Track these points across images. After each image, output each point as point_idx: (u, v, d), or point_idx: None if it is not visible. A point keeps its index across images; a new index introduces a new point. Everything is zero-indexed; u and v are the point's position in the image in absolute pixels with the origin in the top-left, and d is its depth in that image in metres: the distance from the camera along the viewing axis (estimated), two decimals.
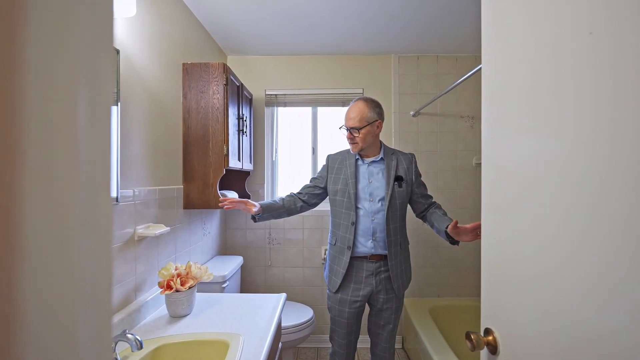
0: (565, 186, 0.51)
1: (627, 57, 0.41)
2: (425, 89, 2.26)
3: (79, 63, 0.21)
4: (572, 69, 0.49)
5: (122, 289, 1.10)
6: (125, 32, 1.10)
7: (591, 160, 0.46)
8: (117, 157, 1.02)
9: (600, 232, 0.44)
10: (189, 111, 1.55)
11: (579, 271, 0.48)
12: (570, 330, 0.50)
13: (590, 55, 0.46)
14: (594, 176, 0.45)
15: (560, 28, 0.52)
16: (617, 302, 0.42)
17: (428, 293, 2.28)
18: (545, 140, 0.55)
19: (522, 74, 0.62)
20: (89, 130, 0.21)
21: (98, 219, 0.23)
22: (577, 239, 0.48)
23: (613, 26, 0.43)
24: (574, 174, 0.49)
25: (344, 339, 1.42)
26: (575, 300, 0.49)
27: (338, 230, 1.39)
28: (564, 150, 0.51)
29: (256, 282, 2.29)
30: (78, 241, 0.21)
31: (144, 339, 1.00)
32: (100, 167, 0.23)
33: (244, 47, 2.14)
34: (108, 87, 0.23)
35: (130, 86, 1.14)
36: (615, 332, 0.42)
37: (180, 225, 1.53)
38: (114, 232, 1.05)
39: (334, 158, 1.47)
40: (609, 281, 0.43)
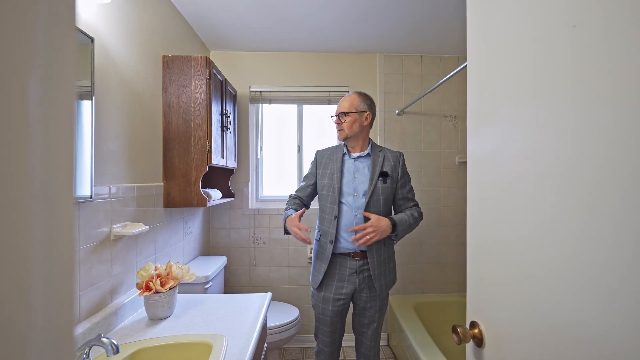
0: (548, 181, 0.51)
1: (610, 49, 0.42)
2: (409, 88, 2.29)
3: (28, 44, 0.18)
4: (556, 63, 0.50)
5: (97, 291, 1.04)
6: (100, 19, 1.04)
7: (574, 154, 0.47)
8: (91, 153, 0.97)
9: (582, 225, 0.45)
10: (170, 106, 1.49)
11: (561, 264, 0.49)
12: (553, 321, 0.51)
13: (574, 47, 0.47)
14: (576, 170, 0.46)
15: (544, 20, 0.53)
16: (598, 293, 0.43)
17: (412, 290, 2.31)
18: (529, 134, 0.56)
19: (506, 69, 0.62)
20: (44, 123, 0.19)
21: (57, 219, 0.20)
22: (559, 233, 0.49)
23: (595, 18, 0.44)
24: (557, 168, 0.49)
25: (328, 337, 1.40)
26: (558, 292, 0.50)
27: (323, 225, 1.39)
28: (547, 145, 0.52)
29: (241, 283, 2.24)
30: (32, 244, 0.18)
31: (121, 343, 0.95)
32: (61, 163, 0.20)
33: (227, 41, 2.09)
34: (70, 74, 0.21)
35: (106, 78, 1.08)
36: (594, 321, 0.43)
37: (160, 224, 1.47)
38: (88, 231, 0.99)
39: (322, 154, 1.47)
40: (590, 274, 0.44)
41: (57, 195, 0.20)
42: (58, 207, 0.20)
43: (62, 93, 0.20)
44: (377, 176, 1.34)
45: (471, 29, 0.73)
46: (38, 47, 0.18)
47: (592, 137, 0.44)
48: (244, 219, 2.23)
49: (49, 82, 0.19)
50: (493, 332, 0.68)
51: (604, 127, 0.42)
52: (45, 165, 0.19)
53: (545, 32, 0.52)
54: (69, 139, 0.20)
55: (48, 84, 0.19)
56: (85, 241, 0.98)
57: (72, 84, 0.21)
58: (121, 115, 1.17)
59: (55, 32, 0.19)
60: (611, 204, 0.41)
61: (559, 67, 0.50)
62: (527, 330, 0.57)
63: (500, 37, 0.64)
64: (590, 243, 0.44)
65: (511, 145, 0.61)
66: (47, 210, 0.19)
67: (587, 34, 0.45)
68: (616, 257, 0.40)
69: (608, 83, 0.42)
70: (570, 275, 0.47)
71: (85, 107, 0.95)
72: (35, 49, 0.18)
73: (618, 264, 0.40)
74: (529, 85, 0.56)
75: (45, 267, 0.19)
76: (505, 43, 0.62)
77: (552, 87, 0.51)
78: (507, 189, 0.62)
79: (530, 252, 0.56)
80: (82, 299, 0.97)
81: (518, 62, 0.59)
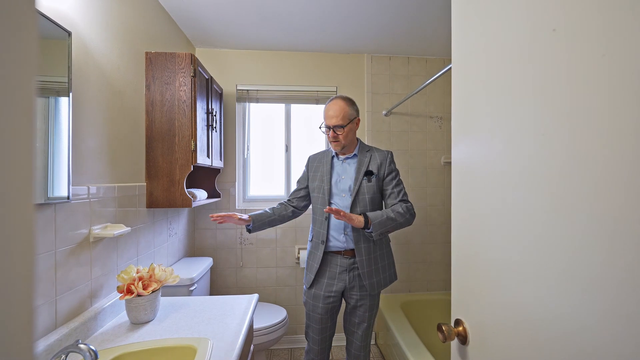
0: (526, 184, 0.53)
1: (588, 52, 0.43)
2: (396, 89, 2.31)
3: None
4: (536, 66, 0.51)
5: (75, 295, 1.00)
6: (78, 12, 1.00)
7: (553, 155, 0.48)
8: (68, 152, 0.93)
9: (562, 224, 0.46)
10: (153, 103, 1.45)
11: (542, 263, 0.50)
12: (532, 318, 0.52)
13: (554, 50, 0.48)
14: (556, 171, 0.47)
15: (525, 25, 0.54)
16: (573, 291, 0.44)
17: (399, 289, 2.33)
18: (509, 139, 0.57)
19: (489, 74, 0.64)
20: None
21: (13, 225, 0.18)
22: (540, 232, 0.50)
23: (574, 22, 0.45)
24: (538, 169, 0.51)
25: (318, 335, 1.41)
26: (536, 290, 0.51)
27: (315, 226, 1.42)
28: (526, 149, 0.53)
29: (227, 284, 2.20)
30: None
31: (101, 349, 0.92)
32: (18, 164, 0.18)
33: (214, 39, 2.05)
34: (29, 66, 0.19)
35: (85, 73, 1.04)
36: (569, 317, 0.44)
37: (143, 225, 1.43)
38: (65, 232, 0.95)
39: (314, 157, 1.52)
40: (565, 272, 0.45)
41: (14, 198, 0.18)
42: (15, 212, 0.18)
43: (19, 88, 0.18)
44: (362, 175, 1.35)
45: (455, 35, 0.74)
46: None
47: (569, 138, 0.45)
48: None
49: (4, 76, 0.17)
50: (476, 330, 0.70)
51: (581, 130, 0.43)
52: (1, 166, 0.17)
53: (526, 37, 0.53)
54: (27, 137, 0.19)
55: (3, 78, 0.17)
56: (62, 243, 0.94)
57: (31, 78, 0.19)
58: (101, 113, 1.13)
59: (12, 21, 0.18)
60: (584, 206, 0.42)
61: (538, 70, 0.51)
62: (508, 327, 0.58)
63: (483, 43, 0.65)
64: (565, 243, 0.45)
65: (493, 150, 0.62)
66: (3, 214, 0.17)
67: (566, 38, 0.46)
68: (589, 257, 0.42)
69: (586, 85, 0.43)
70: (547, 274, 0.49)
71: (63, 104, 0.91)
72: None
73: (591, 264, 0.41)
74: (511, 89, 0.57)
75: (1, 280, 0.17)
76: (488, 48, 0.63)
77: (533, 90, 0.52)
78: (489, 192, 0.63)
79: (510, 253, 0.57)
80: (59, 304, 0.93)
81: (500, 66, 0.60)
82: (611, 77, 0.40)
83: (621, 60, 0.39)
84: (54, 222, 0.91)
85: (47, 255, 0.88)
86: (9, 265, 0.18)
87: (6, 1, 0.18)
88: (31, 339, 0.19)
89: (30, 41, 0.19)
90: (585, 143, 0.43)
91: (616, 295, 0.38)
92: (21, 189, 0.19)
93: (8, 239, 0.18)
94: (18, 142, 0.18)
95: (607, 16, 0.40)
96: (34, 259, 0.18)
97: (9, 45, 0.18)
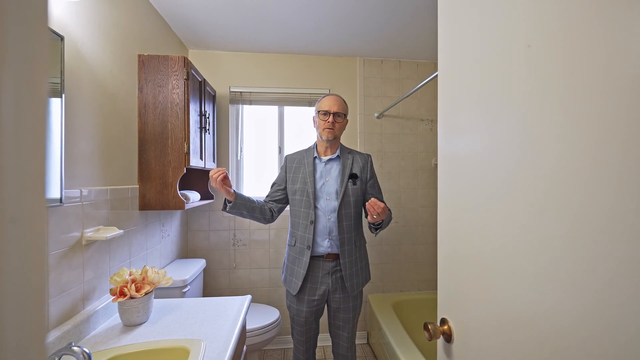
0: (510, 182, 0.56)
1: (559, 66, 0.46)
2: (388, 92, 2.35)
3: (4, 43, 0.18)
4: (512, 77, 0.55)
5: (67, 298, 1.00)
6: (71, 16, 1.00)
7: (530, 155, 0.51)
8: (60, 154, 0.93)
9: (540, 225, 0.49)
10: (146, 106, 1.45)
11: (521, 263, 0.53)
12: (512, 316, 0.55)
13: (528, 64, 0.51)
14: (534, 171, 0.50)
15: (504, 39, 0.57)
16: (551, 289, 0.47)
17: (391, 288, 2.37)
18: (491, 137, 0.60)
19: (472, 80, 0.67)
20: (18, 124, 0.19)
21: (29, 225, 0.20)
22: (519, 233, 0.53)
23: (546, 40, 0.48)
24: (518, 170, 0.54)
25: (302, 336, 1.42)
26: (516, 290, 0.54)
27: (297, 230, 1.37)
28: (504, 153, 0.56)
29: (220, 286, 2.21)
30: (4, 251, 0.18)
31: (94, 351, 0.93)
32: (33, 167, 0.20)
33: (207, 41, 2.06)
34: (41, 73, 0.21)
35: (77, 77, 1.04)
36: (549, 315, 0.47)
37: (135, 227, 1.43)
38: (58, 236, 0.95)
39: (292, 158, 1.47)
40: (552, 272, 0.47)
41: (29, 200, 0.20)
42: (30, 213, 0.20)
43: (34, 94, 0.20)
44: (347, 178, 1.37)
45: (441, 44, 0.77)
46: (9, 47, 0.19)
47: (541, 146, 0.48)
48: (223, 220, 2.21)
49: (21, 82, 0.19)
50: (460, 328, 0.73)
51: (551, 138, 0.47)
52: (19, 169, 0.19)
53: (505, 50, 0.57)
54: (41, 142, 0.21)
55: (21, 84, 0.19)
56: (54, 247, 0.94)
57: (44, 85, 0.21)
58: (93, 116, 1.14)
59: (27, 32, 0.20)
60: (563, 206, 0.45)
61: (515, 82, 0.54)
62: (489, 325, 0.61)
63: (468, 53, 0.68)
64: (543, 245, 0.48)
65: (475, 153, 0.65)
66: (19, 216, 0.19)
67: (539, 54, 0.50)
68: (569, 257, 0.44)
69: (557, 98, 0.46)
70: (526, 274, 0.52)
71: (55, 108, 0.91)
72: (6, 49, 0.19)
73: (572, 263, 0.44)
74: (491, 99, 0.60)
75: (18, 275, 0.19)
76: (472, 58, 0.66)
77: (510, 101, 0.55)
78: (474, 189, 0.66)
79: (491, 253, 0.60)
80: (52, 307, 0.93)
81: (482, 76, 0.63)
82: (580, 89, 0.43)
83: (585, 72, 0.42)
84: (47, 226, 0.91)
85: None
86: (27, 262, 0.20)
87: (24, 20, 0.19)
88: (44, 331, 0.21)
89: (43, 53, 0.21)
90: (561, 150, 0.46)
91: (597, 295, 0.40)
92: (36, 190, 0.20)
93: (26, 237, 0.20)
94: (35, 144, 0.20)
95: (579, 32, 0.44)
96: (46, 256, 0.20)
97: (29, 56, 0.20)
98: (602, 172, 0.40)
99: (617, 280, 0.38)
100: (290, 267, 1.40)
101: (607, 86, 0.39)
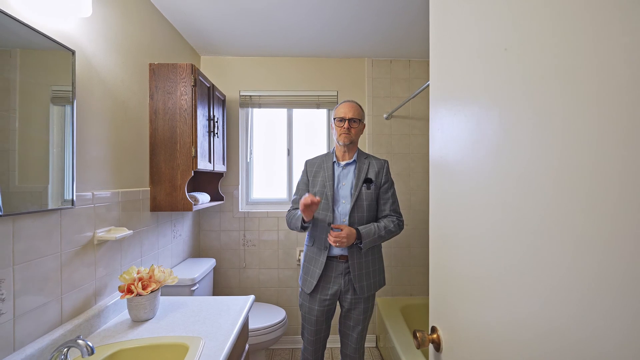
0: (489, 186, 0.54)
1: (535, 69, 0.45)
2: (397, 92, 2.32)
3: None
4: (494, 80, 0.53)
5: (80, 293, 1.07)
6: (82, 32, 1.08)
7: (506, 159, 0.50)
8: (72, 159, 1.00)
9: (528, 232, 0.46)
10: (156, 112, 1.52)
11: (512, 272, 0.49)
12: (494, 325, 0.54)
13: (505, 66, 0.50)
14: (514, 173, 0.48)
15: (485, 42, 0.56)
16: (534, 300, 0.46)
17: (401, 292, 2.33)
18: (475, 139, 0.58)
19: (456, 87, 0.66)
20: None
21: None
22: (506, 239, 0.50)
23: (522, 44, 0.47)
24: (496, 175, 0.52)
25: (312, 336, 1.45)
26: (498, 299, 0.53)
27: (315, 232, 1.42)
28: (487, 150, 0.55)
29: (230, 285, 2.27)
30: None
31: (103, 344, 0.99)
32: None
33: (217, 47, 2.12)
34: None
35: (88, 87, 1.11)
36: (530, 326, 0.46)
37: (146, 228, 1.51)
38: (71, 235, 1.03)
39: (312, 162, 1.52)
40: (541, 284, 0.44)
41: None
42: None
43: None
44: (362, 182, 1.40)
45: (432, 48, 0.77)
46: None
47: (518, 146, 0.47)
48: (234, 221, 2.27)
49: None
50: (449, 338, 0.71)
51: (527, 138, 0.46)
52: None
53: (486, 53, 0.55)
54: None
55: None
56: (67, 246, 1.01)
57: None
58: (105, 123, 1.21)
59: None
60: (541, 217, 0.44)
61: (494, 84, 0.53)
62: (476, 337, 0.60)
63: (455, 53, 0.67)
64: (528, 256, 0.46)
65: (460, 157, 0.64)
66: None
67: (515, 57, 0.48)
68: (550, 269, 0.42)
69: (532, 100, 0.45)
70: (510, 285, 0.50)
71: (67, 117, 0.98)
72: None
73: (553, 278, 0.42)
74: (474, 98, 0.59)
75: None
76: (459, 59, 0.65)
77: (491, 102, 0.54)
78: (462, 194, 0.65)
79: (474, 266, 0.59)
80: (65, 302, 1.01)
81: (466, 77, 0.62)
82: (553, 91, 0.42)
83: (555, 77, 0.41)
84: (60, 226, 0.98)
85: (53, 257, 0.96)
86: None
87: None
88: None
89: None
90: (535, 152, 0.45)
91: (580, 305, 0.38)
92: None
93: None
94: None
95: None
96: None
97: None
98: (575, 174, 0.38)
99: (614, 284, 0.36)
100: (306, 266, 1.45)
101: (577, 90, 0.38)
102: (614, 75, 0.33)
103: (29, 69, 0.86)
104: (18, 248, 0.84)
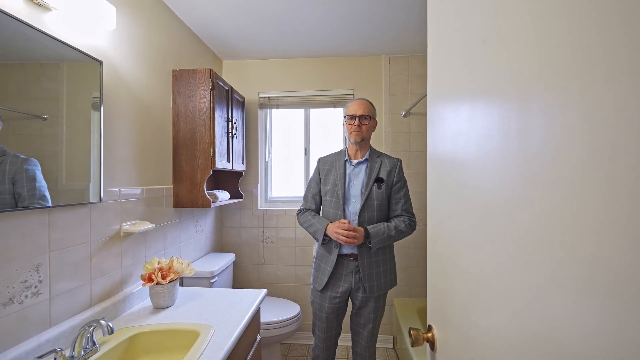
0: (481, 195, 0.53)
1: (512, 60, 0.44)
2: (415, 89, 2.27)
3: None
4: (474, 72, 0.53)
5: (108, 280, 1.19)
6: (109, 43, 1.19)
7: (492, 156, 0.49)
8: (100, 159, 1.11)
9: (520, 232, 0.43)
10: (178, 115, 1.63)
11: (501, 271, 0.47)
12: (483, 326, 0.53)
13: (486, 59, 0.49)
14: (500, 171, 0.47)
15: (466, 34, 0.55)
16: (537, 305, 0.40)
17: (418, 293, 2.28)
18: (467, 135, 0.57)
19: (448, 81, 0.65)
20: None
21: None
22: (495, 239, 0.49)
23: (500, 35, 0.46)
24: (491, 170, 0.51)
25: (323, 334, 1.46)
26: (499, 300, 0.49)
27: None
28: (470, 149, 0.54)
29: (250, 280, 2.36)
30: None
31: (125, 327, 1.09)
32: None
33: (238, 52, 2.22)
34: None
35: (115, 94, 1.22)
36: (519, 329, 0.45)
37: (170, 222, 1.62)
38: (100, 227, 1.14)
39: (325, 160, 1.53)
40: (534, 284, 0.40)
41: None
42: None
43: None
44: (373, 181, 1.39)
45: (430, 47, 0.76)
46: None
47: (502, 138, 0.46)
48: (253, 218, 2.35)
49: None
50: (444, 337, 0.71)
51: (509, 130, 0.45)
52: None
53: (467, 44, 0.55)
54: None
55: None
56: (96, 237, 1.13)
57: None
58: (130, 126, 1.32)
59: None
60: (536, 214, 0.43)
61: (474, 76, 0.52)
62: (463, 334, 0.59)
63: (445, 47, 0.66)
64: (537, 254, 0.41)
65: (457, 147, 0.63)
66: None
67: (492, 48, 0.47)
68: (541, 274, 0.39)
69: (510, 91, 0.44)
70: (515, 286, 0.44)
71: (95, 122, 1.10)
72: None
73: (547, 282, 0.39)
74: (460, 89, 0.58)
75: None
76: (451, 51, 0.65)
77: (474, 94, 0.53)
78: (458, 193, 0.64)
79: (475, 258, 0.58)
80: (94, 286, 1.12)
81: (455, 69, 0.61)
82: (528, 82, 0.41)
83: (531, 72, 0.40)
84: (89, 219, 1.10)
85: (83, 245, 1.07)
86: None
87: None
88: None
89: None
90: (520, 143, 0.44)
91: (572, 305, 0.35)
92: None
93: None
94: None
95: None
96: None
97: None
98: (567, 170, 0.37)
99: (612, 288, 0.34)
100: (318, 264, 1.47)
101: (551, 85, 0.37)
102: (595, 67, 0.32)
103: (71, 79, 0.99)
104: (53, 237, 0.96)
